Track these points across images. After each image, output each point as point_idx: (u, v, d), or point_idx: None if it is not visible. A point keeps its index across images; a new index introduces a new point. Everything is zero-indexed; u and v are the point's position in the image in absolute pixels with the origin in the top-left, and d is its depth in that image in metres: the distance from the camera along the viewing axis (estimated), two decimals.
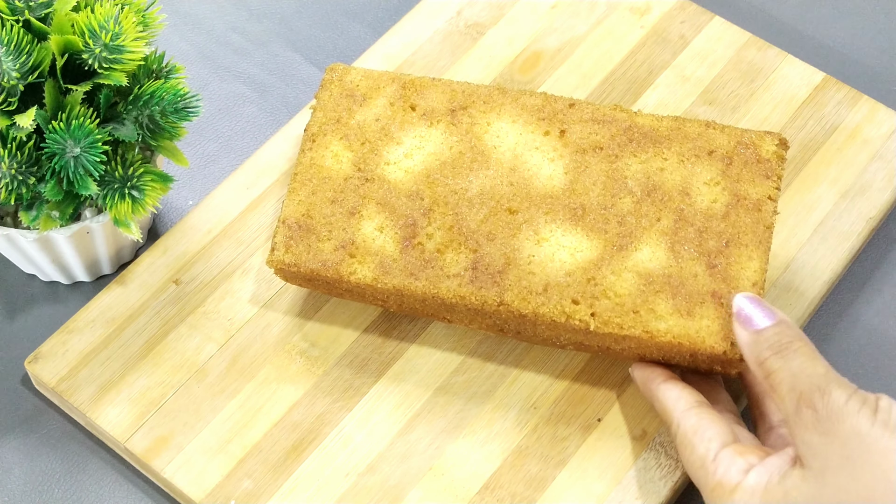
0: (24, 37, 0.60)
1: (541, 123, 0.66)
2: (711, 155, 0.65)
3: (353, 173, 0.65)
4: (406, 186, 0.65)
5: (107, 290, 0.70)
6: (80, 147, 0.60)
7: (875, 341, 0.71)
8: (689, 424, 0.60)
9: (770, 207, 0.64)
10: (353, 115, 0.67)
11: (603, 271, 0.63)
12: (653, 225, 0.64)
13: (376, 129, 0.66)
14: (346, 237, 0.64)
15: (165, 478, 0.64)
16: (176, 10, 0.84)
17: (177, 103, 0.63)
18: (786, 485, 0.55)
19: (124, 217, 0.63)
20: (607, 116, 0.66)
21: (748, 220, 0.64)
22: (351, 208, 0.65)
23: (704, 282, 0.62)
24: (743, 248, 0.63)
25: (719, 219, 0.64)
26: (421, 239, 0.64)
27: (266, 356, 0.68)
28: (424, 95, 0.67)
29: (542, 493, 0.64)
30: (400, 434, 0.66)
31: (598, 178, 0.65)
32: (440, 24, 0.81)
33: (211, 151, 0.78)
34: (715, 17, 0.81)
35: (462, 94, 0.67)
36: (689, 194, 0.64)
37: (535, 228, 0.64)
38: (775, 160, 0.65)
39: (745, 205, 0.64)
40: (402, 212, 0.64)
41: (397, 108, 0.67)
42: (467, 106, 0.67)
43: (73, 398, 0.66)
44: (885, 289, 0.74)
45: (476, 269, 0.63)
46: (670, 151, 0.65)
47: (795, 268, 0.71)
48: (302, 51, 0.83)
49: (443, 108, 0.67)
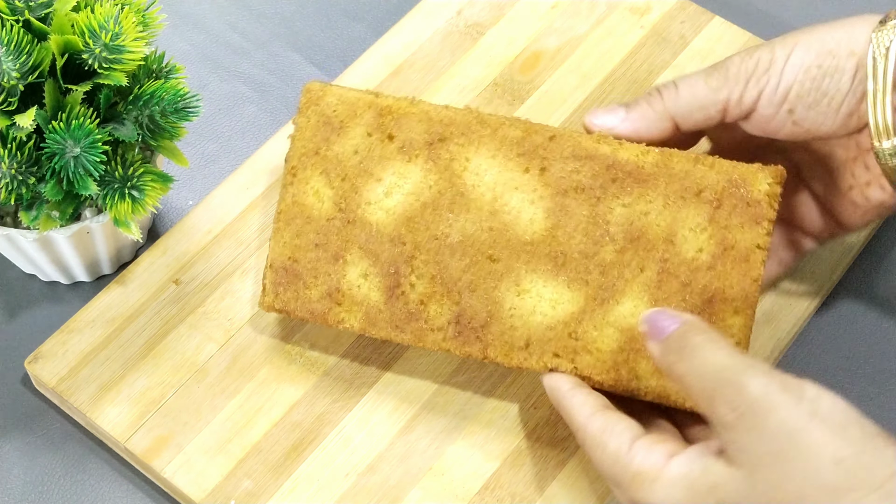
0: (24, 37, 0.60)
1: (521, 160, 0.63)
2: (699, 196, 0.61)
3: (334, 213, 0.64)
4: (387, 230, 0.63)
5: (107, 290, 0.70)
6: (80, 147, 0.60)
7: (875, 341, 0.71)
8: (595, 426, 0.57)
9: (759, 257, 0.61)
10: (332, 147, 0.64)
11: (584, 325, 0.61)
12: (635, 276, 0.61)
13: (355, 163, 0.64)
14: (331, 284, 0.63)
15: (165, 478, 0.64)
16: (176, 10, 0.84)
17: (177, 103, 0.63)
18: (711, 478, 0.52)
19: (124, 217, 0.63)
20: (589, 151, 0.62)
21: (735, 272, 0.61)
22: (335, 253, 0.64)
23: None
24: (728, 304, 0.61)
25: (704, 270, 0.61)
26: (404, 288, 0.63)
27: (266, 356, 0.68)
28: (402, 125, 0.64)
29: (542, 493, 0.64)
30: (400, 434, 0.66)
31: (579, 224, 0.62)
32: (440, 24, 0.81)
33: (211, 151, 0.78)
34: (715, 17, 0.81)
35: (440, 123, 0.64)
36: (674, 242, 0.61)
37: (517, 279, 0.62)
38: (767, 202, 0.61)
39: (733, 255, 0.61)
40: (384, 258, 0.63)
41: (375, 139, 0.64)
42: (445, 138, 0.64)
43: (73, 398, 0.66)
44: (884, 289, 0.74)
45: (459, 324, 0.62)
46: (655, 193, 0.62)
47: (795, 268, 0.71)
48: (302, 51, 0.83)
49: (421, 141, 0.64)
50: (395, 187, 0.63)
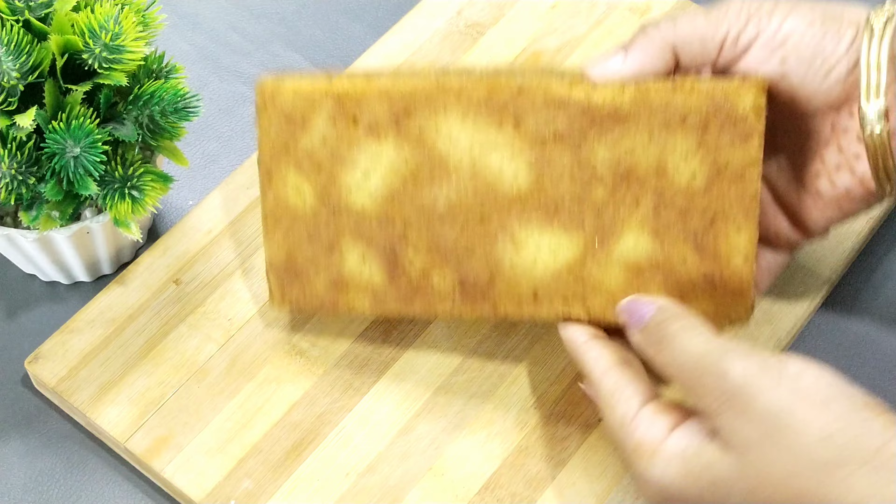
0: (24, 37, 0.60)
1: (492, 118, 0.61)
2: (684, 123, 0.60)
3: (319, 207, 0.63)
4: (374, 212, 0.62)
5: (107, 290, 0.70)
6: (80, 147, 0.60)
7: (875, 342, 0.71)
8: (608, 386, 0.57)
9: (754, 173, 0.60)
10: (299, 141, 0.63)
11: (588, 268, 0.61)
12: (632, 212, 0.61)
13: (326, 153, 0.63)
14: (333, 274, 0.63)
15: (165, 478, 0.64)
16: (176, 10, 0.84)
17: (177, 103, 0.63)
18: (705, 459, 0.53)
19: (124, 217, 0.63)
20: (562, 98, 0.60)
21: (732, 192, 0.60)
22: (328, 244, 0.63)
23: (694, 264, 0.61)
24: (730, 222, 0.60)
25: (701, 194, 0.60)
26: (404, 265, 0.63)
27: (266, 356, 0.68)
28: (363, 107, 0.62)
29: (542, 493, 0.64)
30: (400, 434, 0.66)
31: (564, 171, 0.61)
32: (440, 24, 0.81)
33: (211, 151, 0.78)
34: None
35: (401, 97, 0.61)
36: (666, 172, 0.60)
37: (511, 234, 0.61)
38: (754, 116, 0.59)
39: (728, 175, 0.60)
40: (378, 240, 0.63)
41: (340, 124, 0.62)
42: (410, 111, 0.61)
43: (73, 398, 0.66)
44: (884, 289, 0.74)
45: (464, 288, 0.62)
46: (638, 128, 0.60)
47: (795, 268, 0.71)
48: (302, 51, 0.83)
49: (386, 118, 0.62)
50: (371, 169, 0.62)
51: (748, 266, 0.60)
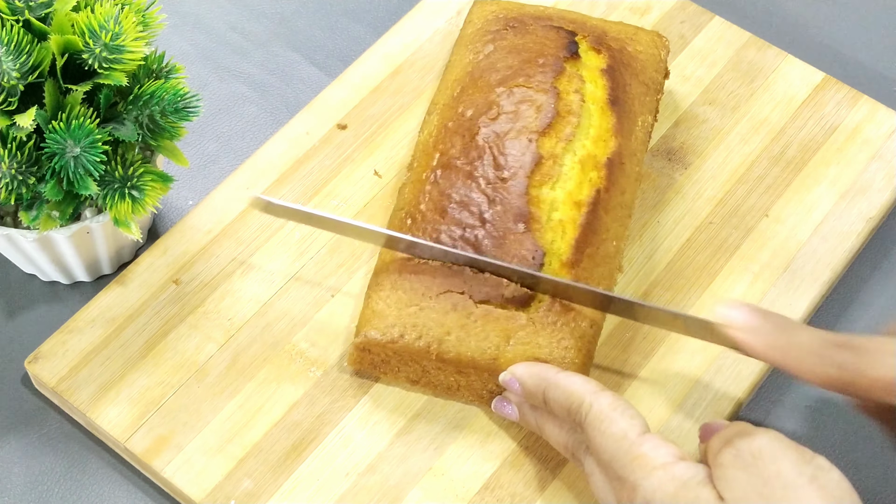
0: (24, 37, 0.60)
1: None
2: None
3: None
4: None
5: (107, 290, 0.70)
6: (80, 147, 0.60)
7: None
8: (605, 402, 0.58)
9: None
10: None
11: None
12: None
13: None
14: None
15: (165, 478, 0.64)
16: (176, 10, 0.84)
17: (177, 103, 0.63)
18: (699, 495, 0.54)
19: (124, 217, 0.63)
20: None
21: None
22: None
23: None
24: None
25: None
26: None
27: (266, 356, 0.68)
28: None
29: (542, 493, 0.64)
30: (400, 434, 0.66)
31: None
32: (440, 24, 0.81)
33: (211, 151, 0.78)
34: (715, 17, 0.81)
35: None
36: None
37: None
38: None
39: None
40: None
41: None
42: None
43: (73, 398, 0.66)
44: (884, 289, 0.74)
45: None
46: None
47: (795, 268, 0.71)
48: (302, 51, 0.83)
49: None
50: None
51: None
